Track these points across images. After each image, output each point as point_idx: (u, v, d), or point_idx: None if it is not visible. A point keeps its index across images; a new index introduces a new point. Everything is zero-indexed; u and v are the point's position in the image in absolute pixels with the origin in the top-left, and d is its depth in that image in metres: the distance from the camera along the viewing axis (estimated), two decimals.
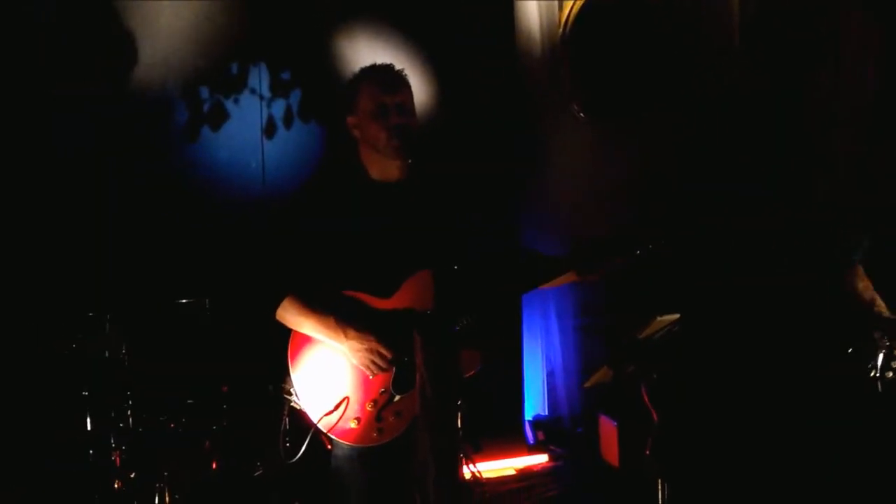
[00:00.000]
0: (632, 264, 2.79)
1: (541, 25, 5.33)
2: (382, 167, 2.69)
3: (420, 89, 2.79)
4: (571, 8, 5.27)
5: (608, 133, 5.40)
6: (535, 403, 5.34)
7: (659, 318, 2.92)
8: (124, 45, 4.42)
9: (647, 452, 3.03)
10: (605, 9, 5.29)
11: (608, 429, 4.83)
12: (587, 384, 3.17)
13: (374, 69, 2.71)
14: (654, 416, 3.04)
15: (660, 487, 3.06)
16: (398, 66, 2.73)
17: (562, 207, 5.30)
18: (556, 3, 5.32)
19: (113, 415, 3.81)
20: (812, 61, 4.60)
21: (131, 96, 4.46)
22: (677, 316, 2.94)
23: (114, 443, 3.79)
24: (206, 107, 4.63)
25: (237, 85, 4.67)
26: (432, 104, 4.72)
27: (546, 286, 2.84)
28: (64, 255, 4.16)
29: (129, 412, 3.82)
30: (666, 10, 5.23)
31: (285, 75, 4.76)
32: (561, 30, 5.31)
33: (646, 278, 3.92)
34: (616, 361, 2.98)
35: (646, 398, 3.04)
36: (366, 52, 4.70)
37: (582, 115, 5.37)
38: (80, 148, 4.29)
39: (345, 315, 2.57)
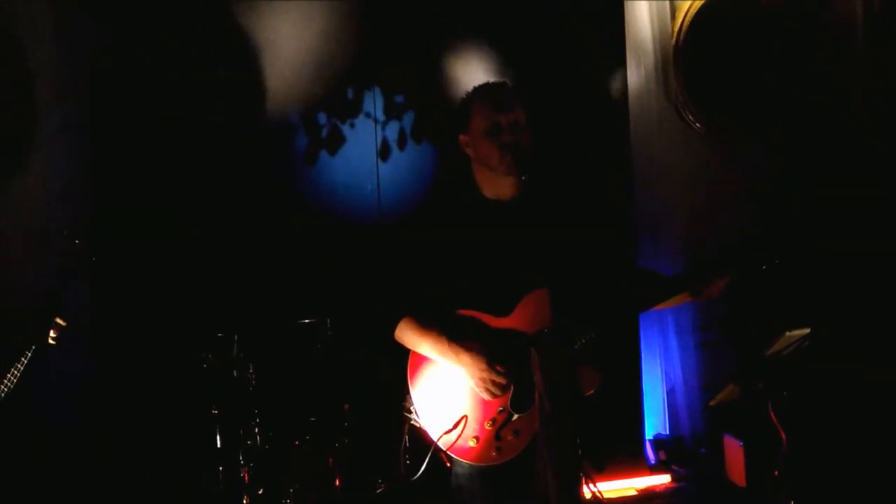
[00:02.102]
0: (752, 279, 2.70)
1: (652, 33, 5.24)
2: (496, 185, 2.69)
3: (531, 106, 2.78)
4: (686, 14, 5.16)
5: (725, 143, 5.26)
6: (655, 422, 5.22)
7: (788, 333, 2.81)
8: (251, 75, 4.63)
9: (776, 473, 2.92)
10: (720, 15, 5.17)
11: (734, 448, 4.68)
12: (713, 402, 3.08)
13: (487, 88, 2.72)
14: (783, 435, 2.93)
15: None
16: (510, 85, 2.74)
17: (677, 220, 5.19)
18: (668, 9, 5.22)
19: (241, 432, 3.95)
20: None
21: (255, 123, 4.65)
22: (808, 331, 2.83)
23: (242, 459, 3.92)
24: (324, 132, 4.77)
25: (353, 109, 4.80)
26: (543, 120, 4.71)
27: (661, 307, 2.76)
28: (193, 279, 4.35)
29: (256, 429, 3.94)
30: (786, 14, 5.07)
31: (399, 98, 4.86)
32: (674, 37, 5.21)
33: (772, 292, 3.79)
34: (743, 378, 2.88)
35: (773, 417, 2.94)
36: (476, 71, 4.75)
37: (697, 125, 5.25)
38: (211, 175, 4.50)
39: (460, 336, 2.58)
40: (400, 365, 2.71)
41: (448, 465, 2.68)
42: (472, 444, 2.56)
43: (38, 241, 4.13)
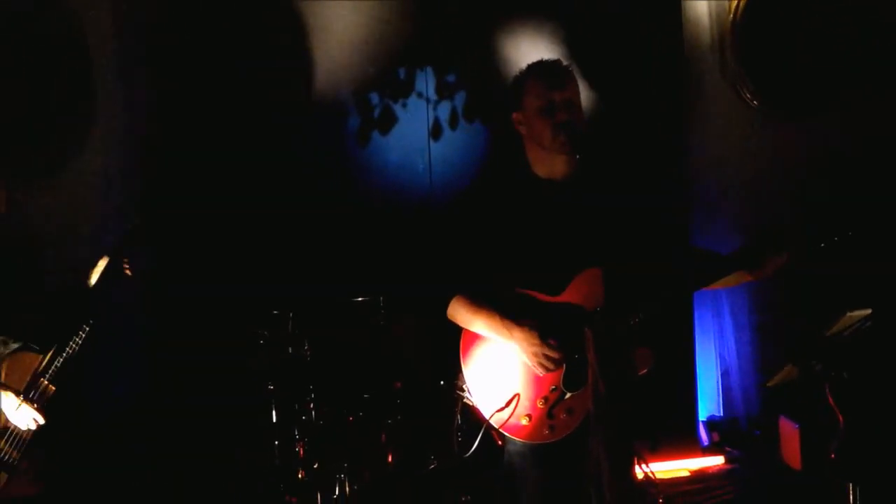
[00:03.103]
0: (811, 257, 2.64)
1: (709, 9, 5.16)
2: (548, 164, 2.67)
3: (585, 83, 2.75)
4: None
5: (784, 121, 5.15)
6: (708, 404, 5.18)
7: (849, 314, 2.75)
8: (303, 55, 4.66)
9: (832, 456, 2.87)
10: None
11: (789, 431, 4.62)
12: (770, 383, 3.03)
13: (540, 65, 2.69)
14: (840, 418, 2.88)
15: (851, 493, 2.88)
16: (565, 62, 2.71)
17: (733, 199, 5.12)
18: None
19: (296, 407, 4.01)
20: None
21: (308, 105, 4.69)
22: (869, 311, 2.76)
23: (297, 435, 3.99)
24: (376, 112, 4.79)
25: (405, 89, 4.81)
26: (597, 97, 4.66)
27: (716, 286, 2.72)
28: (250, 257, 4.42)
29: (311, 406, 4.00)
30: None
31: (450, 78, 4.85)
32: (731, 13, 5.10)
33: (832, 271, 3.72)
34: (802, 359, 2.83)
35: (831, 399, 2.88)
36: (529, 49, 4.72)
37: (755, 102, 5.15)
38: (264, 158, 4.56)
39: (512, 313, 2.58)
40: (452, 343, 2.72)
41: (500, 443, 2.69)
42: (524, 422, 2.57)
43: (96, 221, 4.23)
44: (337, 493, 3.86)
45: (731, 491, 4.52)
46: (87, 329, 3.07)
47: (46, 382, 3.04)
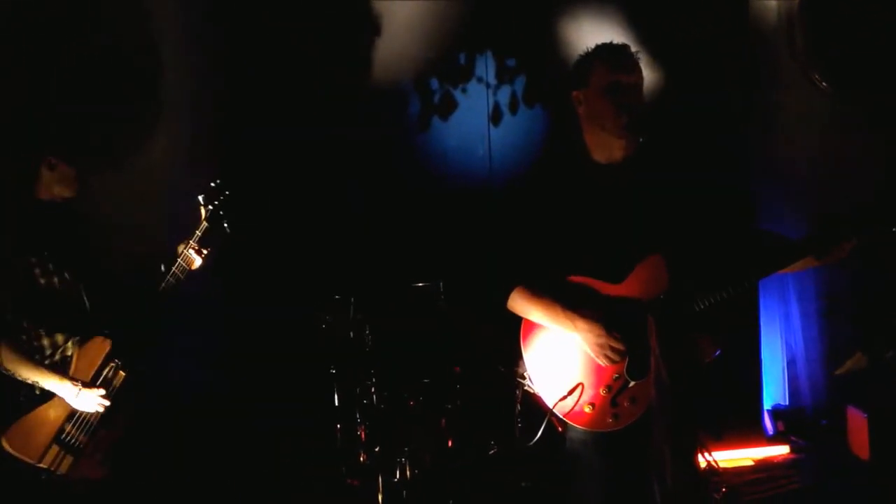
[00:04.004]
0: (881, 243, 2.56)
1: None
2: (607, 147, 2.63)
3: (647, 66, 2.71)
4: None
5: (854, 103, 5.01)
6: (774, 392, 5.09)
7: None
8: (364, 41, 4.69)
9: None
10: None
11: (858, 420, 4.51)
12: (839, 371, 2.96)
13: (610, 46, 2.65)
14: None
15: None
16: (633, 48, 2.67)
17: (799, 183, 5.00)
18: None
19: (358, 392, 4.06)
20: None
21: (369, 91, 4.71)
22: None
23: (359, 418, 4.04)
24: (436, 97, 4.80)
25: (465, 74, 4.81)
26: (659, 80, 4.59)
27: (784, 271, 2.67)
28: (314, 243, 4.48)
29: (372, 390, 4.04)
30: None
31: (510, 62, 4.83)
32: None
33: None
34: (872, 347, 2.75)
35: None
36: (590, 32, 4.66)
37: (824, 84, 5.01)
38: (326, 143, 4.60)
39: (573, 303, 2.56)
40: (510, 329, 2.72)
41: (560, 430, 2.69)
42: (587, 410, 2.56)
43: (164, 210, 4.32)
44: (398, 476, 3.90)
45: (797, 481, 4.45)
46: (154, 310, 3.14)
47: (116, 367, 3.12)
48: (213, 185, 3.24)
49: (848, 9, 4.93)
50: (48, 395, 3.07)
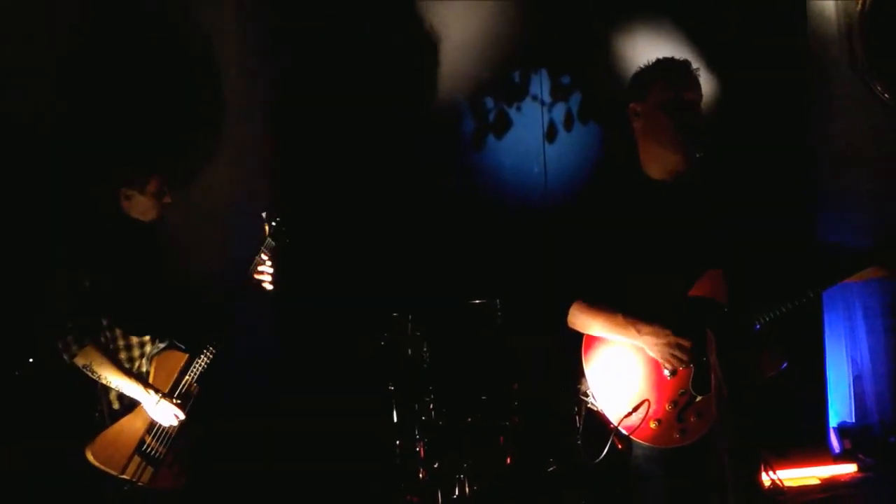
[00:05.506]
0: None
1: (835, 1, 4.96)
2: (662, 162, 2.62)
3: (704, 79, 2.70)
4: None
5: None
6: (840, 409, 4.98)
7: None
8: (419, 60, 4.75)
9: None
10: None
11: None
12: None
13: (672, 61, 2.65)
14: None
15: None
16: (694, 66, 2.67)
17: (863, 196, 4.90)
18: None
19: (416, 408, 4.08)
20: None
21: (424, 108, 4.77)
22: None
23: (418, 434, 4.06)
24: (490, 116, 4.84)
25: (519, 93, 4.84)
26: (717, 93, 4.56)
27: (849, 280, 2.62)
28: (371, 261, 4.53)
29: (430, 406, 4.07)
30: None
31: (565, 80, 4.84)
32: (859, 4, 4.89)
33: None
34: None
35: None
36: (646, 48, 4.65)
37: (886, 95, 4.92)
38: (382, 162, 4.66)
39: (634, 314, 2.55)
40: (568, 346, 2.72)
41: (620, 447, 2.67)
42: (653, 426, 2.54)
43: (226, 229, 4.41)
44: (457, 493, 3.91)
45: (864, 501, 4.35)
46: (219, 343, 3.24)
47: (191, 381, 3.23)
48: (274, 202, 3.34)
49: None
50: (125, 411, 3.18)
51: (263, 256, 3.30)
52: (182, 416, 3.17)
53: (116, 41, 4.10)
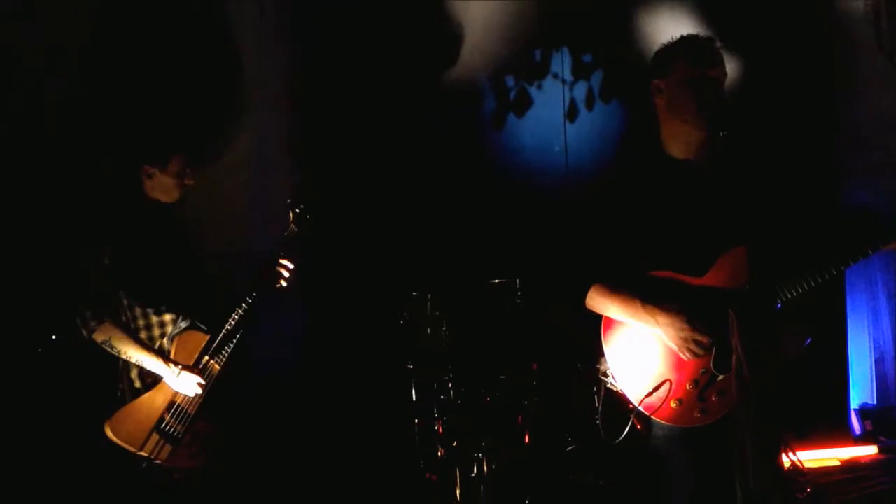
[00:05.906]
0: None
1: None
2: (684, 139, 2.59)
3: (728, 56, 2.67)
4: None
5: None
6: (861, 391, 4.95)
7: None
8: (440, 39, 4.72)
9: None
10: None
11: None
12: None
13: (696, 38, 2.62)
14: None
15: None
16: (718, 44, 2.64)
17: (888, 176, 4.84)
18: None
19: (435, 387, 4.10)
20: None
21: (446, 89, 4.74)
22: None
23: (436, 413, 4.08)
24: (511, 94, 4.81)
25: (541, 71, 4.80)
26: (741, 71, 4.50)
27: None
28: (392, 240, 4.53)
29: (449, 385, 4.08)
30: None
31: (587, 58, 4.80)
32: None
33: None
34: None
35: None
36: (668, 25, 4.60)
37: None
38: (402, 142, 4.65)
39: (654, 297, 2.53)
40: (588, 325, 2.71)
41: (638, 427, 2.66)
42: (674, 405, 2.52)
43: (249, 209, 4.43)
44: (475, 471, 3.92)
45: (886, 482, 4.32)
46: (245, 307, 3.24)
47: (211, 361, 3.24)
48: (298, 187, 3.35)
49: None
50: (146, 390, 3.21)
51: (284, 257, 3.30)
52: (203, 382, 3.19)
53: (140, 22, 4.11)
